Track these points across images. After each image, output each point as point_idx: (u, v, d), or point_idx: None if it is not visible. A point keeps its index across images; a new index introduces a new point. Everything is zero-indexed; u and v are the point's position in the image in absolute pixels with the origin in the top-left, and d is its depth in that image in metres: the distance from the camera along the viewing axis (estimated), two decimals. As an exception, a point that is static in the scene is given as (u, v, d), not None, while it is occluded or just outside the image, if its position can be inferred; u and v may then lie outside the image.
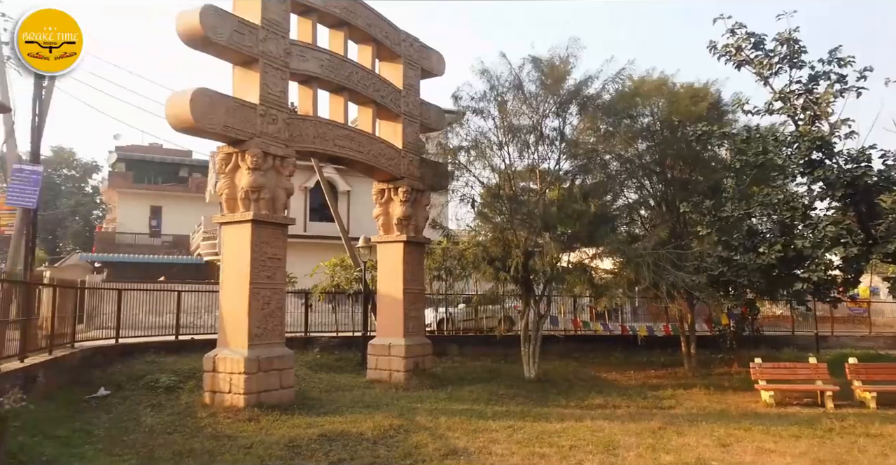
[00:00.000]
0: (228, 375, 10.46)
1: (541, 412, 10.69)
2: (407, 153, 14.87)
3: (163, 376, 12.30)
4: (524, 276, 13.98)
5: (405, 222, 14.67)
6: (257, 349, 10.63)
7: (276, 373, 10.83)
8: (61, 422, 8.72)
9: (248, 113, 10.95)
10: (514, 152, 14.95)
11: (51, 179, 52.65)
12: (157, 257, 36.92)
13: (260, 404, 10.26)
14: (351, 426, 9.05)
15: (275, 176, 11.34)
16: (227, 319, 10.96)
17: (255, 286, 10.78)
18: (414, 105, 15.21)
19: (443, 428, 9.15)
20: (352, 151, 13.30)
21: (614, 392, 13.01)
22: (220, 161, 11.23)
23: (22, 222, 11.57)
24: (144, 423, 9.06)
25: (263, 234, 11.01)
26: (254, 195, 10.92)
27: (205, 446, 7.76)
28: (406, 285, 14.41)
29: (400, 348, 13.99)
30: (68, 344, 12.48)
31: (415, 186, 14.84)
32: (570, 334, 20.17)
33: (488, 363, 17.14)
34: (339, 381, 13.87)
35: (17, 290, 9.97)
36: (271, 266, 11.12)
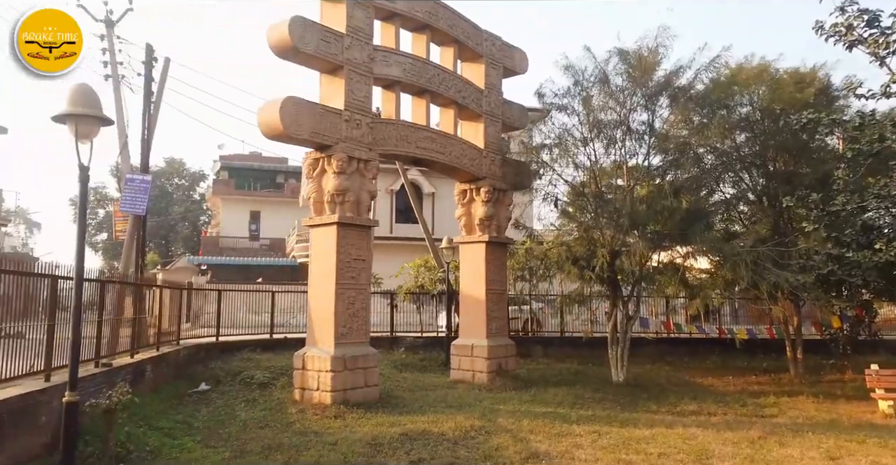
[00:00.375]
0: (316, 372, 10.82)
1: (628, 418, 10.30)
2: (489, 153, 14.82)
3: (257, 372, 12.92)
4: (610, 276, 13.54)
5: (487, 222, 14.62)
6: (343, 348, 10.93)
7: (361, 371, 11.08)
8: (166, 414, 9.36)
9: (334, 119, 11.29)
10: (600, 148, 14.55)
11: (164, 188, 56.87)
12: (255, 259, 38.97)
13: (346, 401, 10.54)
14: (432, 425, 9.10)
15: (359, 179, 11.62)
16: (314, 318, 11.35)
17: (341, 287, 11.09)
18: (496, 104, 15.14)
19: (525, 431, 9.01)
20: (434, 152, 13.41)
21: (710, 398, 12.32)
22: (307, 166, 11.66)
23: (133, 228, 12.55)
24: (239, 417, 9.54)
25: (348, 236, 11.31)
26: (339, 198, 11.24)
27: (292, 441, 8.06)
28: (488, 285, 14.35)
29: (483, 349, 13.94)
30: (174, 341, 13.38)
31: (497, 185, 14.76)
32: (663, 336, 19.34)
33: (574, 366, 16.76)
34: (423, 381, 14.01)
35: (128, 291, 10.77)
36: (356, 267, 11.40)
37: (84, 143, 5.05)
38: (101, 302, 8.65)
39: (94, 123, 5.08)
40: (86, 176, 5.07)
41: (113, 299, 9.63)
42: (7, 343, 6.42)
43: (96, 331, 8.53)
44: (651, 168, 14.41)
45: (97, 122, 5.11)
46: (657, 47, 13.71)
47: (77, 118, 5.02)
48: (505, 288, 15.07)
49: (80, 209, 5.14)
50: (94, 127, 5.08)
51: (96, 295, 9.08)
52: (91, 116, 5.04)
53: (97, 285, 8.70)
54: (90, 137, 5.07)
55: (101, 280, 8.76)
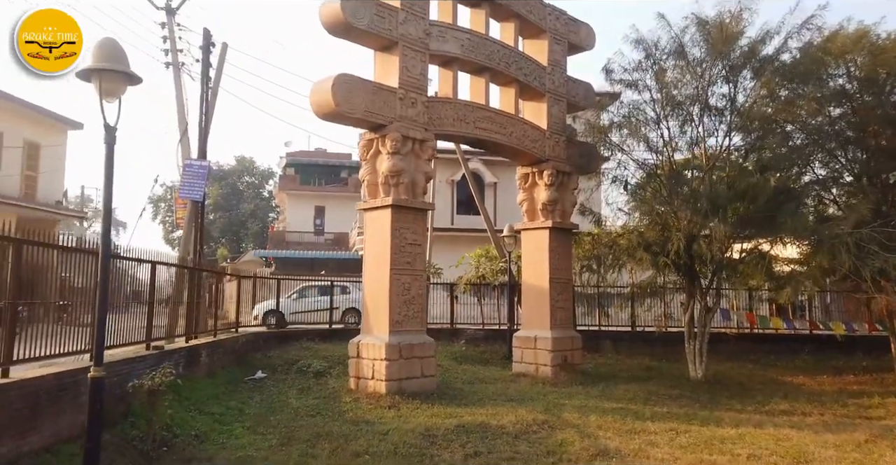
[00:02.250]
0: (371, 361, 10.46)
1: (710, 416, 9.41)
2: (552, 134, 14.08)
3: (314, 361, 12.74)
4: (687, 263, 12.53)
5: (550, 207, 13.89)
6: (398, 336, 10.52)
7: (417, 361, 10.65)
8: (219, 399, 9.21)
9: (388, 97, 10.89)
10: (675, 127, 13.56)
11: (234, 186, 58.82)
12: (319, 253, 39.44)
13: (401, 391, 10.13)
14: (491, 418, 8.54)
15: (414, 160, 11.18)
16: (369, 305, 11.00)
17: (396, 272, 10.68)
18: (560, 82, 14.37)
19: (593, 426, 8.32)
20: (493, 132, 12.81)
21: (803, 398, 11.18)
22: (361, 148, 11.31)
23: (192, 214, 12.58)
24: (291, 405, 9.28)
25: (403, 219, 10.89)
26: (393, 180, 10.83)
27: (342, 430, 7.69)
28: (552, 273, 13.63)
29: (546, 341, 13.24)
30: (233, 329, 13.38)
31: (561, 168, 14.00)
32: (744, 332, 18.00)
33: (646, 361, 15.78)
34: (483, 373, 13.46)
35: (186, 275, 10.72)
36: (411, 252, 10.97)
37: (110, 101, 4.78)
38: (152, 285, 8.55)
39: (120, 79, 4.80)
40: (112, 138, 4.80)
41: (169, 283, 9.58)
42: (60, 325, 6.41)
43: (147, 313, 8.44)
44: (732, 147, 13.31)
45: (124, 78, 4.83)
46: (740, 12, 12.60)
47: (101, 74, 4.73)
48: (570, 277, 14.29)
49: (105, 176, 4.86)
50: (120, 84, 4.80)
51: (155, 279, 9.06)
52: (117, 72, 4.77)
53: (150, 268, 8.61)
54: (116, 94, 4.78)
55: (153, 262, 8.67)
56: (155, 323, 8.75)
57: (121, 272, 7.74)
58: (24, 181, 20.22)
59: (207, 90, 13.16)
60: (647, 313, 17.83)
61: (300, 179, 48.98)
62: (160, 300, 9.33)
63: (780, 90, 13.40)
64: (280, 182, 50.25)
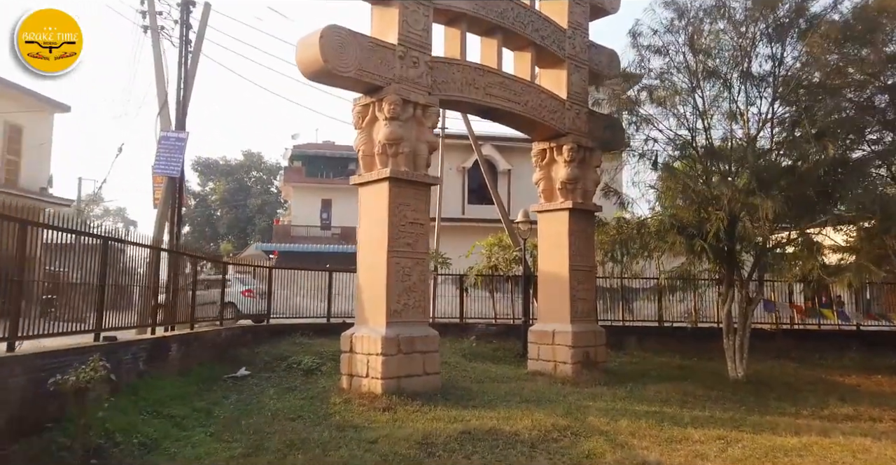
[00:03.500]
0: (365, 356, 9.27)
1: (761, 421, 8.14)
2: (573, 105, 12.80)
3: (306, 357, 11.62)
4: (728, 247, 11.19)
5: (570, 186, 12.62)
6: (397, 328, 9.33)
7: (418, 356, 9.44)
8: (186, 400, 8.07)
9: (386, 55, 9.70)
10: (710, 97, 12.23)
11: (242, 181, 58.05)
12: (325, 246, 38.35)
13: (399, 390, 8.94)
14: (503, 423, 7.32)
15: (416, 128, 9.98)
16: (364, 293, 9.82)
17: (394, 255, 9.49)
18: (581, 48, 13.09)
19: (624, 433, 7.09)
20: (506, 101, 11.57)
21: (864, 401, 9.83)
22: (356, 115, 10.12)
23: (168, 192, 11.46)
24: (270, 407, 8.12)
25: (403, 194, 9.69)
26: (391, 149, 9.64)
27: (323, 437, 6.50)
28: (572, 260, 12.36)
29: (566, 336, 11.98)
30: (216, 321, 12.27)
31: (582, 142, 12.72)
32: (785, 327, 16.62)
33: (676, 359, 14.49)
34: (494, 371, 12.26)
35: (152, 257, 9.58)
36: (412, 232, 9.76)
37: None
38: (104, 265, 7.39)
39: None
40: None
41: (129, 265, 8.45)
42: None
43: (96, 298, 7.29)
44: (776, 118, 11.96)
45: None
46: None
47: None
48: (593, 264, 13.01)
49: None
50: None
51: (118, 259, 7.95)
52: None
53: (102, 245, 7.45)
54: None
55: (105, 237, 7.50)
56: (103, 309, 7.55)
57: (61, 248, 6.61)
58: (4, 166, 19.27)
59: (187, 55, 12.02)
60: (676, 306, 16.50)
61: (307, 171, 47.92)
62: (119, 285, 8.18)
63: (830, 55, 12.04)
64: (285, 175, 49.23)
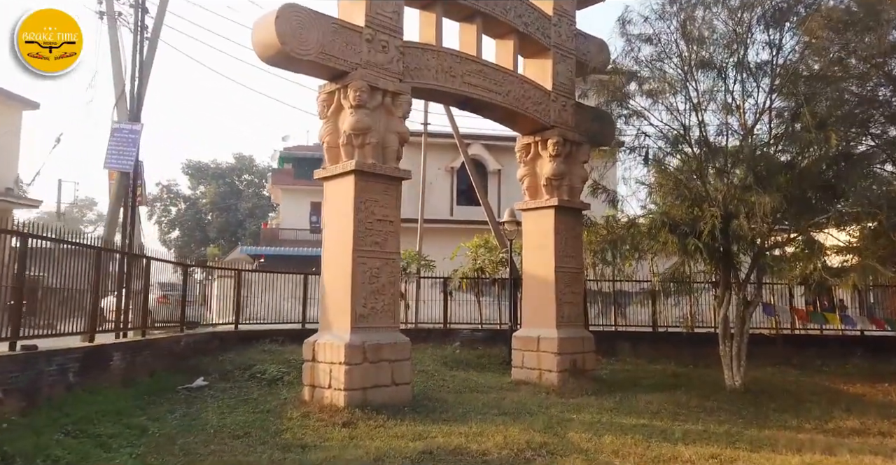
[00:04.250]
0: (328, 365, 8.56)
1: (760, 436, 7.46)
2: (558, 96, 12.14)
3: (272, 366, 10.91)
4: (723, 247, 10.51)
5: (556, 183, 11.94)
6: (362, 334, 8.62)
7: (386, 365, 8.73)
8: (122, 415, 7.34)
9: (352, 38, 9.03)
10: (705, 87, 11.60)
11: (233, 185, 57.31)
12: (313, 250, 37.52)
13: (365, 403, 8.23)
14: (472, 440, 6.63)
15: (385, 117, 9.30)
16: (328, 296, 9.12)
17: (360, 254, 8.79)
18: (567, 36, 12.44)
19: (607, 451, 6.41)
20: (486, 90, 10.89)
21: (872, 412, 9.14)
22: (320, 103, 9.43)
23: (120, 187, 10.73)
24: (213, 423, 7.38)
25: (370, 189, 9.00)
26: (357, 140, 8.95)
27: (263, 459, 5.78)
28: (558, 261, 11.68)
29: (551, 342, 11.28)
30: (176, 327, 11.54)
31: (568, 136, 12.05)
32: (784, 332, 15.96)
33: (671, 367, 13.82)
34: (476, 380, 11.54)
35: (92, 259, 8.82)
36: (380, 230, 9.07)
37: None
38: (22, 264, 6.65)
39: None
40: None
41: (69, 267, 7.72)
42: None
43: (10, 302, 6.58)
44: (774, 111, 11.32)
45: None
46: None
47: None
48: (581, 266, 12.32)
49: None
50: None
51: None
52: None
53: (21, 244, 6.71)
54: None
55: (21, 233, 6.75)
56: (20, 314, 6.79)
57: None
58: (-33, 165, 18.54)
59: (143, 42, 11.29)
60: (671, 310, 15.81)
61: (296, 173, 47.16)
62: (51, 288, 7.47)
63: (832, 45, 11.42)
64: (273, 177, 48.50)
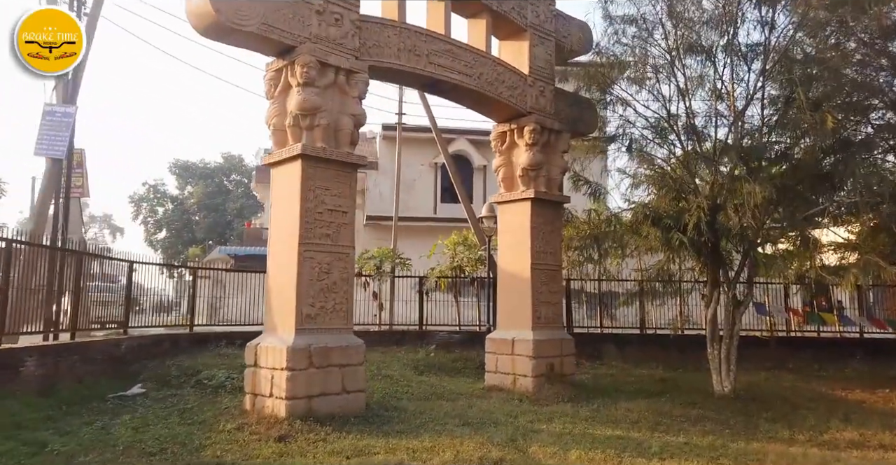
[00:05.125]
0: (270, 371, 7.79)
1: (747, 450, 6.75)
2: (536, 80, 11.41)
3: (221, 372, 10.14)
4: (710, 241, 9.78)
5: (533, 174, 11.20)
6: (308, 336, 7.84)
7: (336, 370, 7.96)
8: (21, 429, 6.56)
9: (299, 9, 8.27)
10: (693, 72, 10.91)
11: (222, 184, 56.49)
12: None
13: (310, 413, 7.46)
14: (418, 456, 5.90)
15: (338, 97, 8.54)
16: (272, 295, 8.35)
17: (308, 248, 8.02)
18: (546, 16, 11.71)
19: (572, 471, 5.65)
20: (455, 72, 10.14)
21: (873, 421, 8.42)
22: (267, 82, 8.65)
23: (50, 177, 9.94)
24: (127, 438, 6.58)
25: (320, 175, 8.23)
26: (305, 121, 8.18)
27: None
28: (535, 258, 10.93)
29: (526, 345, 10.53)
30: (117, 328, 10.76)
31: (546, 124, 11.31)
32: (779, 334, 15.25)
33: (659, 371, 13.11)
34: (446, 386, 10.79)
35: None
36: (332, 222, 8.30)
37: None
38: None
39: None
40: None
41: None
42: None
43: None
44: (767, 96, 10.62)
45: None
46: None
47: None
48: (559, 263, 11.57)
49: None
50: None
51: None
52: None
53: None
54: None
55: None
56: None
57: None
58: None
59: (80, 17, 10.48)
60: (660, 311, 15.08)
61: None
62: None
63: (827, 25, 10.73)
64: (257, 174, 47.48)
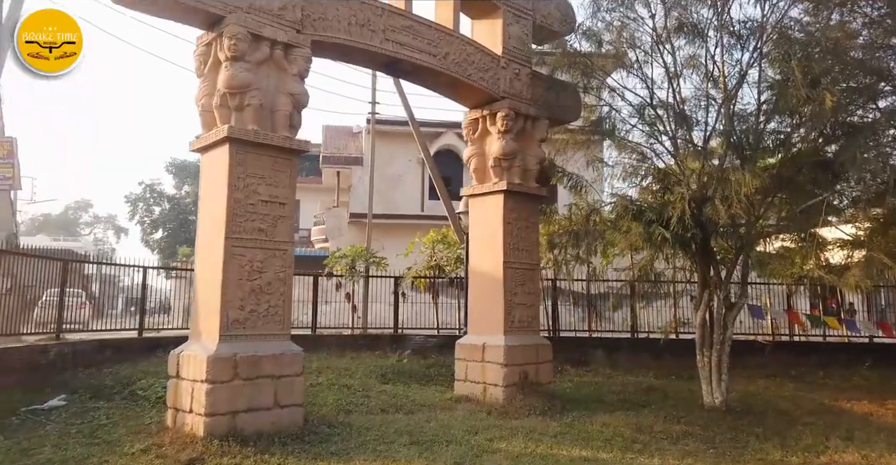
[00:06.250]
0: (191, 383, 6.96)
1: (730, 477, 5.86)
2: (510, 62, 10.55)
3: (161, 381, 9.28)
4: (697, 236, 8.87)
5: (505, 164, 10.34)
6: (236, 343, 7.02)
7: (267, 382, 7.12)
8: None
9: (231, -25, 7.45)
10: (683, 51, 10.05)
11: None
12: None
13: (233, 432, 6.63)
14: (333, 488, 5.03)
15: (275, 74, 7.73)
16: (198, 295, 7.53)
17: (236, 243, 7.20)
18: (521, -9, 10.86)
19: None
20: (417, 51, 9.31)
21: (878, 439, 7.51)
22: (197, 58, 7.83)
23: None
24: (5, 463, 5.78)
25: (251, 162, 7.41)
26: (234, 100, 7.36)
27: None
28: (508, 255, 10.07)
29: (497, 351, 9.67)
30: (49, 332, 9.99)
31: (521, 109, 10.45)
32: (783, 339, 14.36)
33: (648, 379, 12.25)
34: (412, 396, 9.95)
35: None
36: (267, 214, 7.48)
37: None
38: None
39: None
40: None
41: None
42: None
43: None
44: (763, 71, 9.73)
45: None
46: None
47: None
48: (536, 262, 10.71)
49: None
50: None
51: None
52: None
53: None
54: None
55: None
56: None
57: None
58: None
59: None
60: (654, 314, 14.20)
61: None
62: None
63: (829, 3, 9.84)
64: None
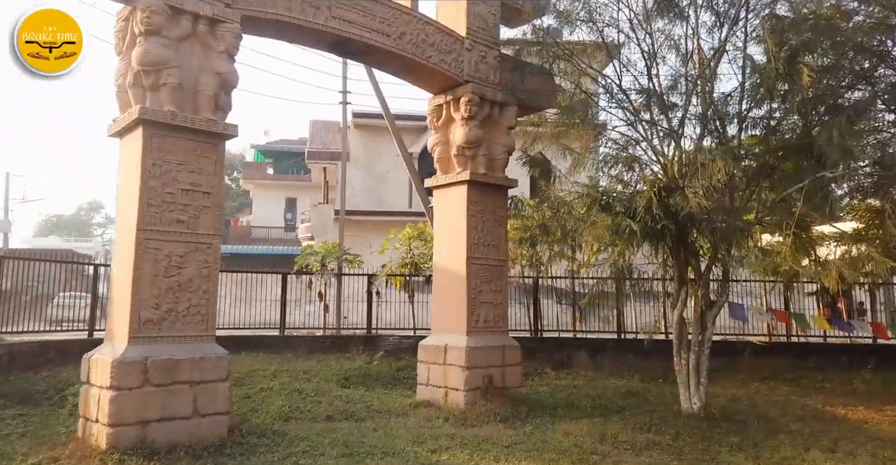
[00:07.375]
0: (98, 390, 6.39)
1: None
2: (475, 44, 9.90)
3: (95, 385, 8.75)
4: (668, 229, 8.14)
5: (469, 152, 9.69)
6: (148, 346, 6.42)
7: (185, 389, 6.51)
8: None
9: (148, -56, 6.85)
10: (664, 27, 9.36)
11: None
12: (287, 248, 35.49)
13: (142, 444, 6.05)
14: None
15: (198, 52, 7.13)
16: (113, 293, 6.97)
17: (150, 235, 6.60)
18: (487, -33, 10.21)
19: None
20: (367, 30, 8.67)
21: (866, 450, 6.79)
22: (116, 35, 7.26)
23: None
24: None
25: (170, 147, 6.81)
26: (149, 79, 6.76)
27: None
28: (471, 251, 9.42)
29: (459, 353, 9.03)
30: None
31: (486, 94, 9.79)
32: (779, 340, 13.61)
33: (632, 382, 11.58)
34: (371, 402, 9.33)
35: None
36: (188, 204, 6.88)
37: None
38: None
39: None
40: None
41: None
42: None
43: None
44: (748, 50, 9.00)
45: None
46: None
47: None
48: (504, 258, 10.05)
49: None
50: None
51: None
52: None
53: None
54: None
55: None
56: None
57: None
58: None
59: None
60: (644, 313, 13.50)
61: (275, 169, 45.44)
62: None
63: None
64: (245, 170, 46.61)
